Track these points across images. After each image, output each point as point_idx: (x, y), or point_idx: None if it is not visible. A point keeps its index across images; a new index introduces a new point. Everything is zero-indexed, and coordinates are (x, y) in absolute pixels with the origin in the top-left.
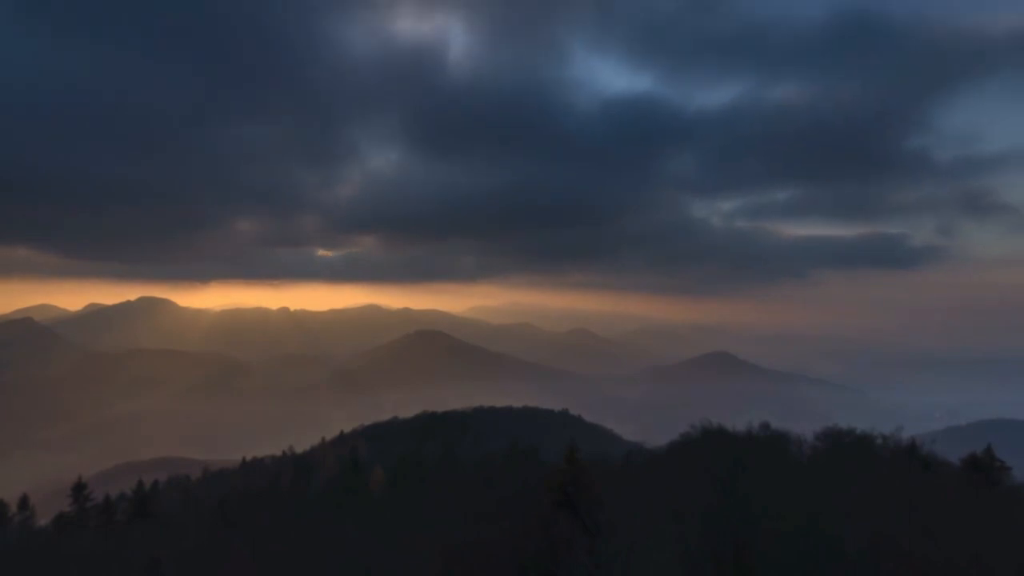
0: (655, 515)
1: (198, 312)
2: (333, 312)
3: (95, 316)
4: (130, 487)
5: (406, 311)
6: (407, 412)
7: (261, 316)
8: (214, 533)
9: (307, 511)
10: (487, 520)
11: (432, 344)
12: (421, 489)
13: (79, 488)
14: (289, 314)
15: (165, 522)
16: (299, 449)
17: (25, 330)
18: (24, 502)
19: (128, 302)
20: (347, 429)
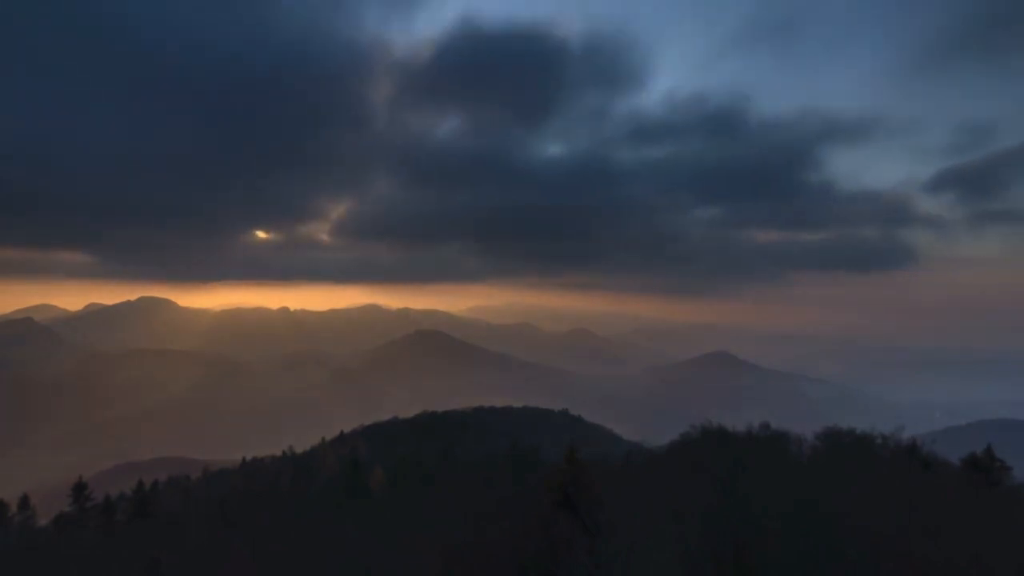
0: (655, 515)
1: (198, 312)
2: (333, 312)
3: (95, 316)
4: (130, 487)
5: (406, 311)
6: (407, 412)
7: (261, 316)
8: (214, 533)
9: (307, 511)
10: (487, 520)
11: (432, 344)
12: (421, 489)
13: (79, 488)
14: (289, 314)
15: (165, 522)
16: (299, 449)
17: (25, 330)
18: (24, 502)
19: (128, 302)
20: (347, 429)
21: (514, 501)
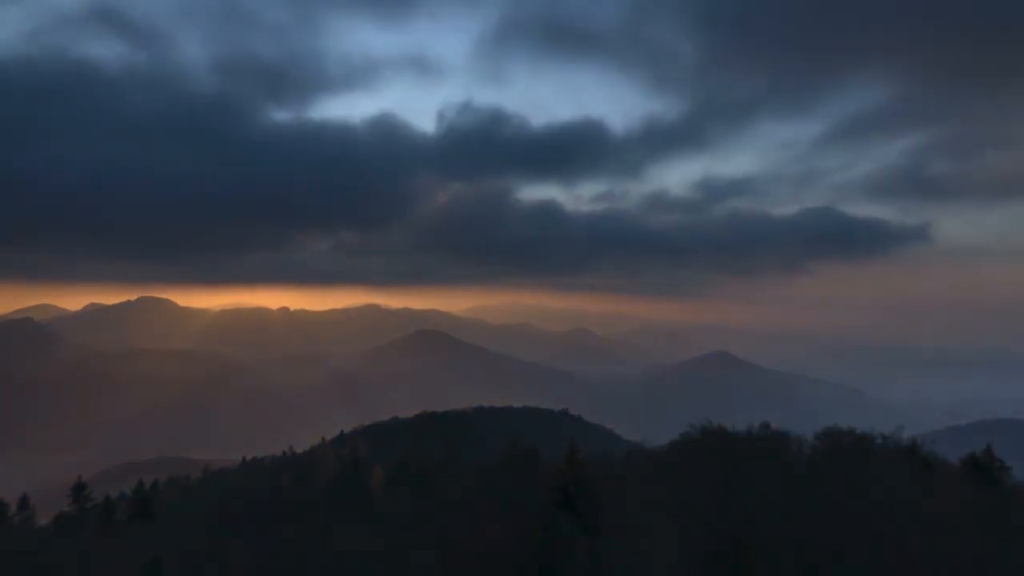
0: (655, 515)
1: (198, 312)
2: (333, 312)
3: (95, 316)
4: (130, 487)
5: (406, 311)
6: (407, 412)
7: (261, 316)
8: (214, 533)
9: (307, 511)
10: (487, 520)
11: (432, 344)
12: (421, 489)
13: (79, 488)
14: (289, 314)
15: (165, 522)
16: (299, 449)
17: (25, 330)
18: (24, 502)
19: (128, 302)
20: (347, 429)
21: (514, 501)
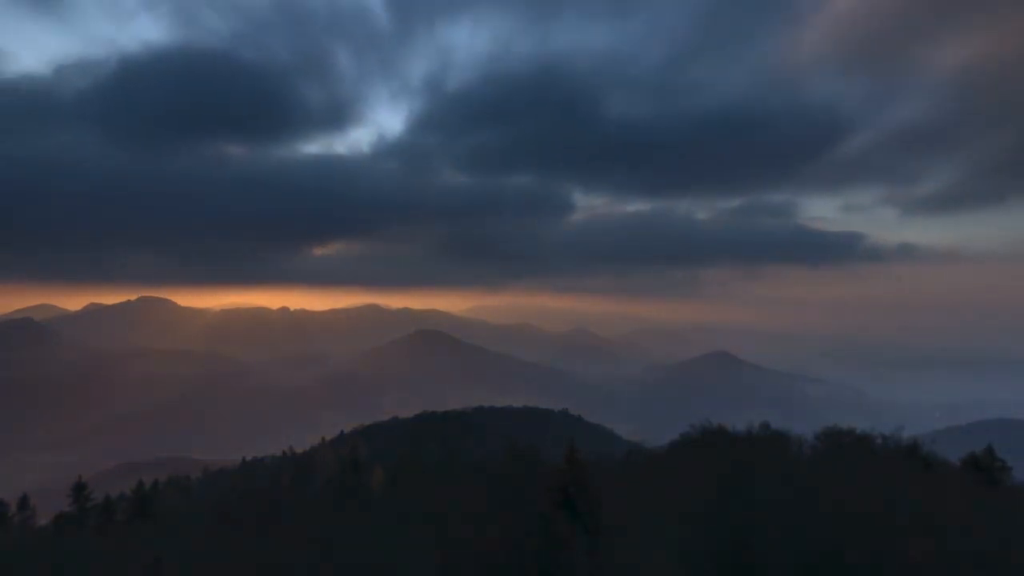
0: (655, 515)
1: (198, 312)
2: (333, 312)
3: (95, 316)
4: (130, 487)
5: (406, 311)
6: (407, 412)
7: (261, 316)
8: (214, 533)
9: (307, 511)
10: (487, 520)
11: (432, 344)
12: (421, 489)
13: (79, 488)
14: (289, 314)
15: (165, 522)
16: (299, 449)
17: (25, 330)
18: (24, 502)
19: (128, 302)
20: (347, 429)
21: (514, 501)
